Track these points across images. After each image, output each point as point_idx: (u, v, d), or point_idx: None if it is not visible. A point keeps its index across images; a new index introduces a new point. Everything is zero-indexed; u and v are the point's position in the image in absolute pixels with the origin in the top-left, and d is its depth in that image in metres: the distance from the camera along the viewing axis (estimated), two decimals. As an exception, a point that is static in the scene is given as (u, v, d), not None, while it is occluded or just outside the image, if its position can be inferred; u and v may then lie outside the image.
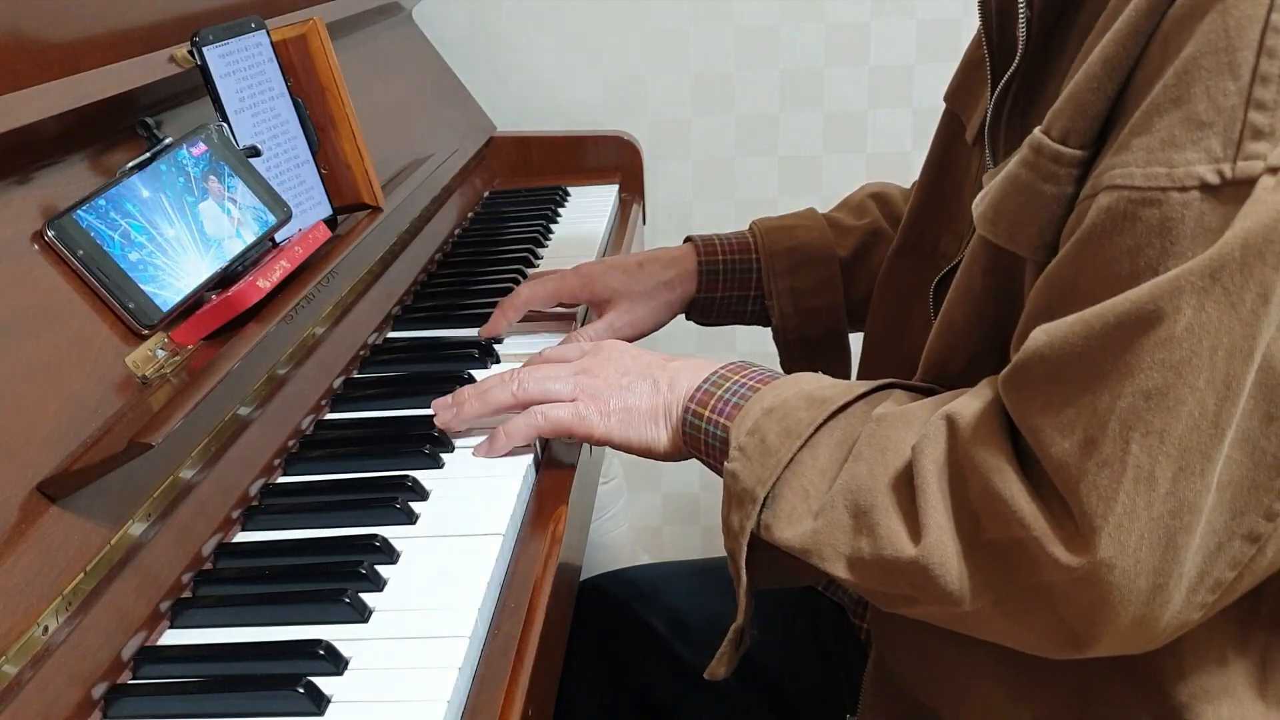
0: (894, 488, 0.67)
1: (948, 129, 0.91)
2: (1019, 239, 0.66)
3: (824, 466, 0.71)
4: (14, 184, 0.74)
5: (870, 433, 0.70)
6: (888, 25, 1.76)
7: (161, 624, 0.70)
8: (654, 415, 0.83)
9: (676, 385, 0.82)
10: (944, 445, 0.65)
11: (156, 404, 0.73)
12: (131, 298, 0.77)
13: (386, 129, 1.30)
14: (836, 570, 0.68)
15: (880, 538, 0.66)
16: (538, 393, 0.85)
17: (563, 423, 0.84)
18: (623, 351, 0.88)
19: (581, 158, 1.70)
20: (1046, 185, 0.63)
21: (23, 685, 0.59)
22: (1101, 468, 0.58)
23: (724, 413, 0.78)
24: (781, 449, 0.71)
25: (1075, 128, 0.62)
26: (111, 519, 0.68)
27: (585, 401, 0.84)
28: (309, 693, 0.61)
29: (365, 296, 1.09)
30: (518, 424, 0.85)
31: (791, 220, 1.12)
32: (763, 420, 0.74)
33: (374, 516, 0.79)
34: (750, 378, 0.79)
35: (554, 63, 1.80)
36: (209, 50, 0.91)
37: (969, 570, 0.63)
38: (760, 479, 0.72)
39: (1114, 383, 0.58)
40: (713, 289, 1.10)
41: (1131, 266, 0.58)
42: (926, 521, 0.64)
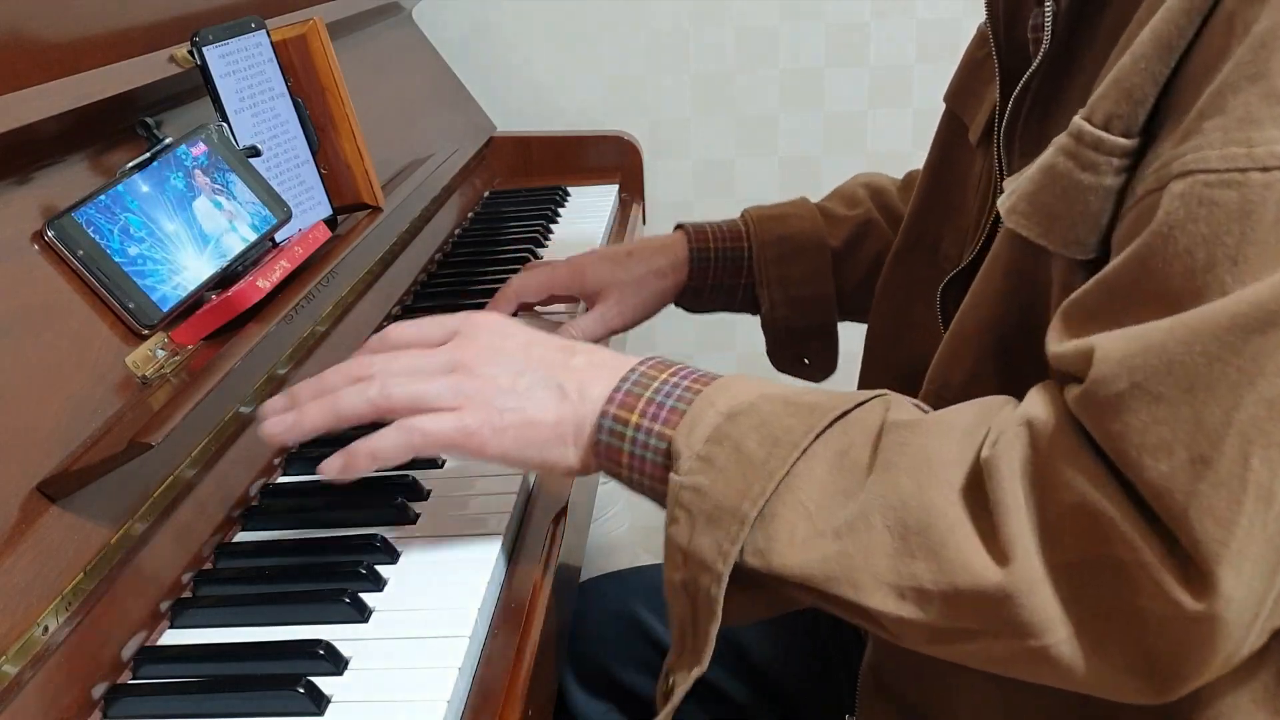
0: (957, 502, 0.58)
1: (948, 129, 0.90)
2: (1052, 232, 0.61)
3: (825, 481, 0.61)
4: (14, 184, 0.74)
5: (900, 440, 0.61)
6: (888, 25, 1.76)
7: (161, 624, 0.70)
8: (560, 431, 0.69)
9: (587, 391, 0.69)
10: (1026, 455, 0.57)
11: (156, 404, 0.73)
12: (131, 298, 0.77)
13: (386, 129, 1.30)
14: (875, 602, 0.58)
15: (949, 562, 0.57)
16: (405, 401, 0.69)
17: (445, 439, 0.68)
18: (507, 337, 0.72)
19: (581, 158, 1.70)
20: (1085, 174, 0.59)
21: (23, 685, 0.59)
22: (1217, 489, 0.51)
23: (659, 418, 0.66)
24: (771, 460, 0.61)
25: (1120, 113, 0.57)
26: (111, 519, 0.68)
27: (471, 411, 0.68)
28: (309, 693, 0.61)
29: (365, 296, 1.09)
30: (386, 441, 0.68)
31: (784, 209, 1.11)
32: (728, 426, 0.63)
33: (374, 516, 0.79)
34: (682, 377, 0.68)
35: (554, 63, 1.81)
36: (209, 50, 0.92)
37: (1054, 596, 0.55)
38: (745, 494, 0.61)
39: (1228, 393, 0.51)
40: (703, 277, 1.09)
41: (1208, 255, 0.52)
42: (1012, 541, 0.55)
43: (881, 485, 0.59)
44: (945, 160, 0.90)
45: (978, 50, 0.88)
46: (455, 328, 0.73)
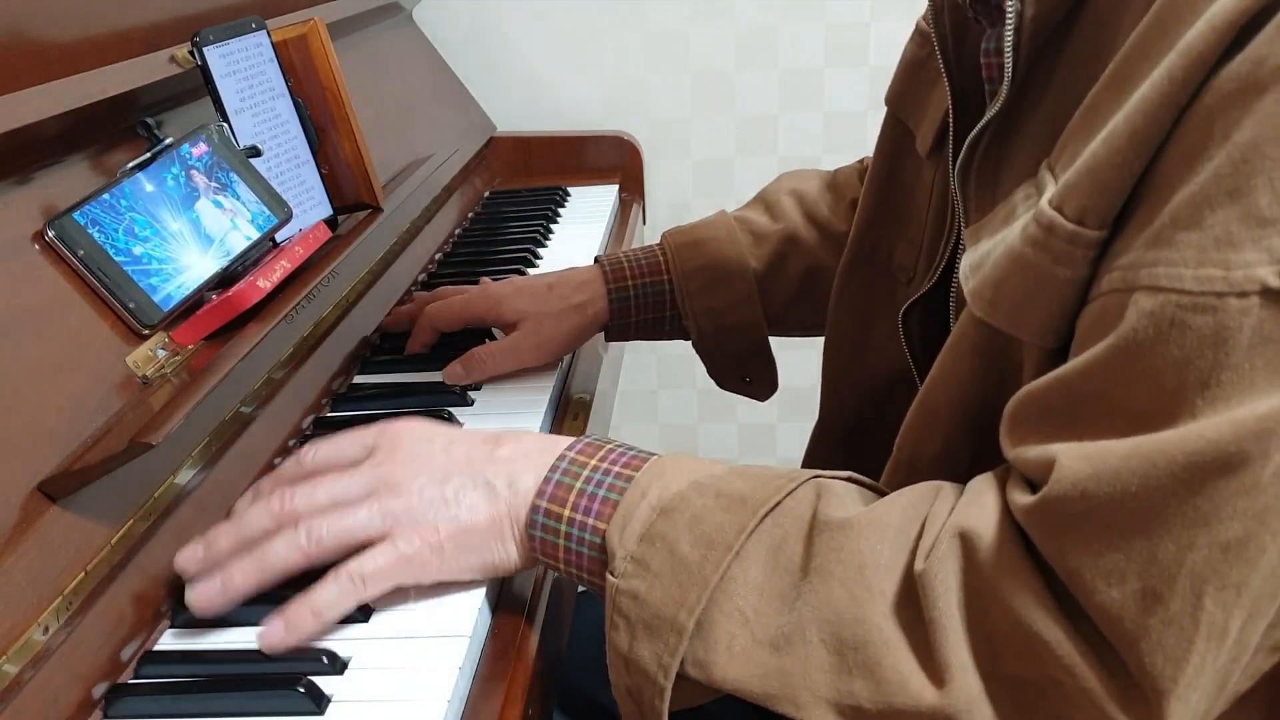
0: (892, 618, 0.57)
1: (893, 136, 0.87)
2: (1023, 323, 0.59)
3: (760, 583, 0.59)
4: (14, 184, 0.74)
5: (834, 544, 0.59)
6: (887, 25, 1.76)
7: (162, 624, 0.70)
8: (498, 529, 0.67)
9: (517, 483, 0.67)
10: (958, 567, 0.56)
11: (157, 404, 0.73)
12: (132, 297, 0.77)
13: (386, 129, 1.30)
14: (815, 718, 0.57)
15: (886, 681, 0.56)
16: (335, 541, 0.66)
17: (385, 575, 0.65)
18: (426, 442, 0.70)
19: (581, 158, 1.70)
20: (1060, 269, 0.56)
21: (23, 685, 0.59)
22: (1168, 625, 0.51)
23: (591, 511, 0.64)
24: (704, 564, 0.59)
25: (1094, 206, 0.54)
26: (112, 519, 0.68)
27: (404, 535, 0.65)
28: (309, 692, 0.61)
29: (366, 296, 1.09)
30: (331, 597, 0.65)
31: (703, 232, 1.08)
32: (661, 524, 0.61)
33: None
34: (612, 461, 0.66)
35: (554, 63, 1.81)
36: (209, 50, 0.92)
37: (992, 713, 0.55)
38: (680, 602, 0.59)
39: (1182, 531, 0.50)
40: (625, 314, 1.06)
41: (1179, 381, 0.50)
42: (948, 661, 0.55)
43: (816, 596, 0.58)
44: (892, 169, 0.88)
45: (918, 50, 0.85)
46: (373, 443, 0.71)
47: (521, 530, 0.67)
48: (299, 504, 0.67)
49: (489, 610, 0.71)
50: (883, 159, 0.88)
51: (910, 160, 0.85)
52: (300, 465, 0.72)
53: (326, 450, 0.72)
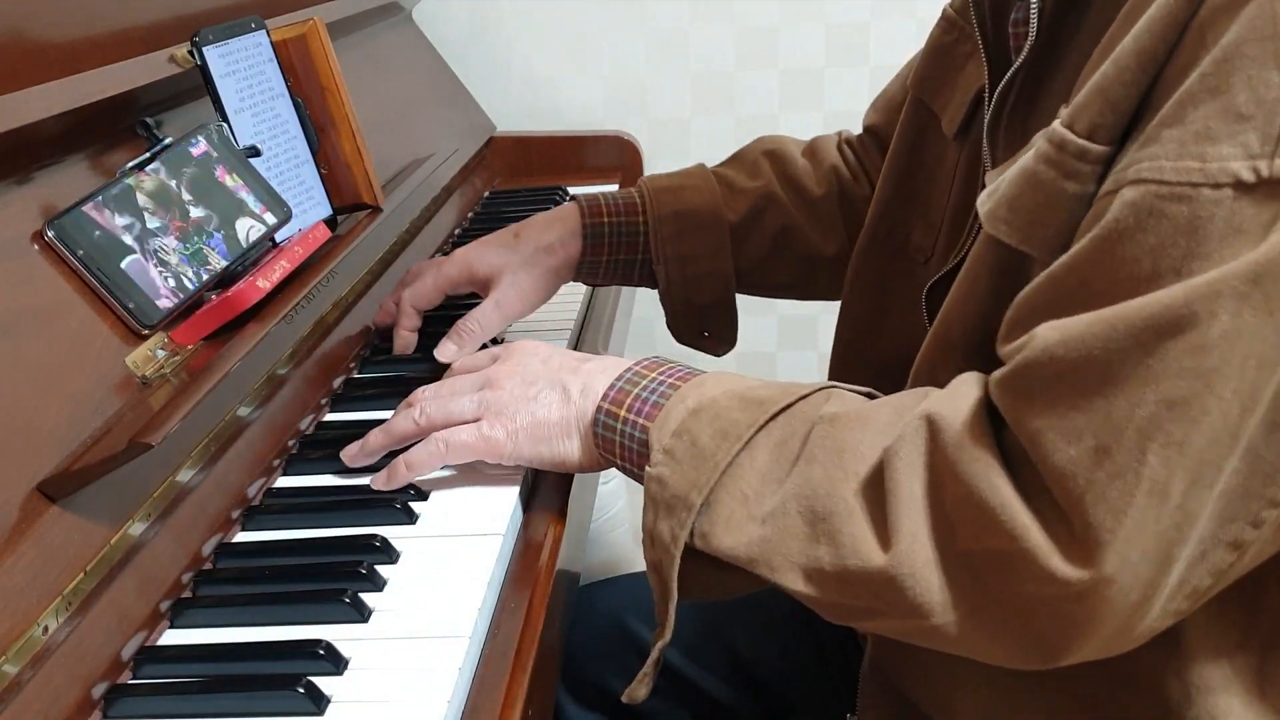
0: (858, 492, 0.62)
1: (916, 119, 0.88)
2: (1034, 239, 0.62)
3: (763, 470, 0.66)
4: (14, 184, 0.74)
5: (823, 434, 0.65)
6: (888, 25, 1.76)
7: (161, 624, 0.70)
8: (565, 427, 0.77)
9: (590, 390, 0.77)
10: (923, 448, 0.61)
11: (156, 404, 0.73)
12: (131, 297, 0.77)
13: (386, 129, 1.30)
14: (788, 581, 0.64)
15: (843, 546, 0.62)
16: (440, 416, 0.80)
17: (466, 447, 0.79)
18: (531, 355, 0.82)
19: (581, 158, 1.70)
20: (1069, 183, 0.59)
21: (23, 685, 0.59)
22: (1113, 479, 0.54)
23: (642, 412, 0.73)
24: (718, 451, 0.67)
25: (1103, 123, 0.58)
26: (111, 519, 0.68)
27: (490, 420, 0.79)
28: (309, 693, 0.61)
29: (366, 296, 1.09)
30: (419, 454, 0.80)
31: (680, 180, 1.08)
32: (690, 421, 0.69)
33: (374, 516, 0.79)
34: (668, 374, 0.75)
35: (554, 63, 1.80)
36: (209, 50, 0.92)
37: (942, 582, 0.59)
38: (694, 483, 0.67)
39: (1134, 389, 0.54)
40: (598, 251, 1.06)
41: (1153, 266, 0.54)
42: (898, 528, 0.60)
43: (801, 476, 0.65)
44: (913, 152, 0.89)
45: (944, 35, 0.87)
46: (496, 354, 0.84)
47: (587, 428, 0.76)
48: (426, 393, 0.83)
49: (489, 611, 0.71)
50: (904, 143, 0.89)
51: (933, 143, 0.86)
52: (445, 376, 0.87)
53: (464, 362, 0.89)
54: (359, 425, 0.94)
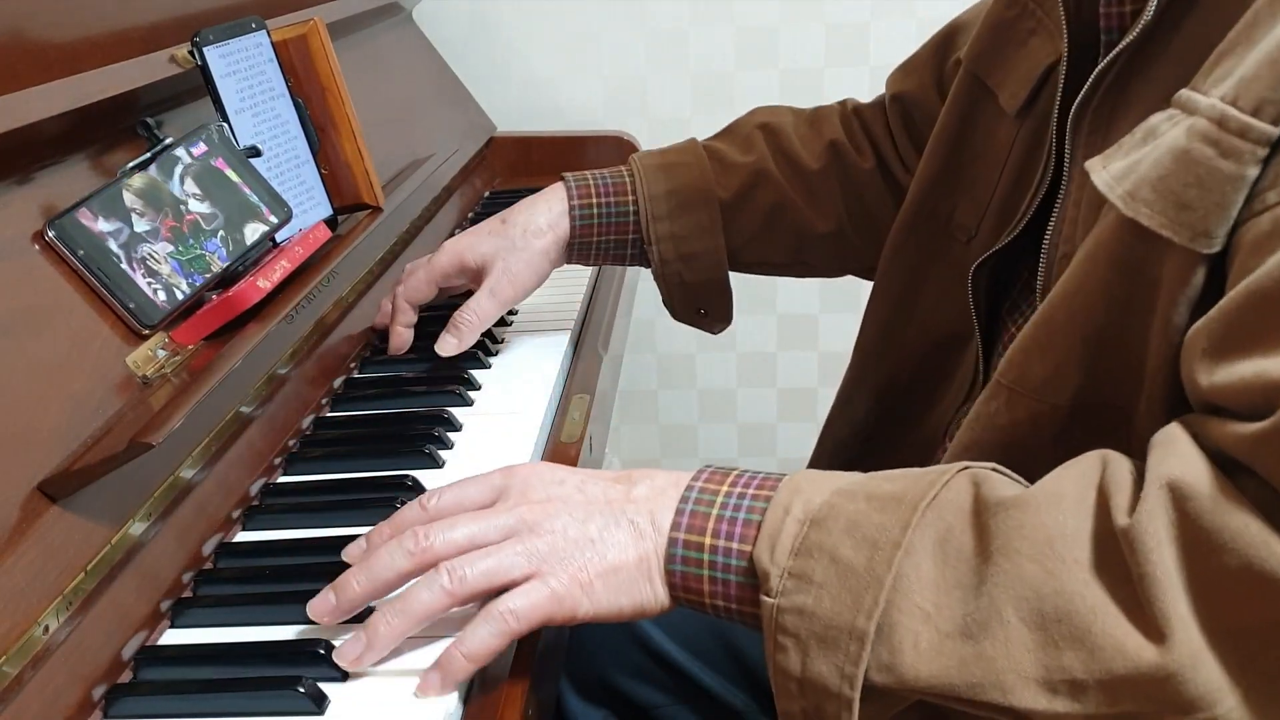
0: (1091, 582, 0.54)
1: (969, 96, 0.86)
2: (1180, 223, 0.56)
3: (933, 577, 0.57)
4: (14, 184, 0.74)
5: (1014, 522, 0.56)
6: (888, 25, 1.76)
7: (162, 624, 0.70)
8: (644, 568, 0.63)
9: (659, 521, 0.64)
10: (1170, 519, 0.53)
11: (157, 404, 0.73)
12: (132, 297, 0.77)
13: (386, 129, 1.30)
14: (1026, 701, 0.54)
15: (1099, 648, 0.53)
16: (481, 582, 0.62)
17: (540, 612, 0.62)
18: (559, 484, 0.67)
19: (581, 158, 1.70)
20: (1226, 162, 0.54)
21: (23, 685, 0.59)
22: None
23: (734, 535, 0.62)
24: (874, 565, 0.57)
25: (1275, 99, 0.53)
26: (112, 519, 0.68)
27: (552, 573, 0.62)
28: (309, 693, 0.61)
29: (366, 296, 1.09)
30: (482, 638, 0.61)
31: (672, 157, 1.06)
32: (814, 534, 0.59)
33: (374, 516, 0.79)
34: (743, 485, 0.64)
35: (554, 63, 1.81)
36: (209, 50, 0.92)
37: (1219, 665, 0.52)
38: (857, 607, 0.56)
39: None
40: (587, 232, 1.04)
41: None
42: (1166, 614, 0.51)
43: (1005, 576, 0.55)
44: (964, 128, 0.86)
45: (1006, 10, 0.84)
46: (500, 485, 0.68)
47: (662, 566, 0.63)
48: (436, 543, 0.63)
49: (489, 610, 0.71)
50: (954, 118, 0.87)
51: (985, 120, 0.84)
52: (424, 509, 0.67)
53: (451, 494, 0.68)
54: (360, 424, 0.94)
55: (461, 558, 0.63)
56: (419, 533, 0.64)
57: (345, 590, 0.64)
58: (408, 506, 0.68)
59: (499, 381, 1.00)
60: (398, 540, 0.64)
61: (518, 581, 0.63)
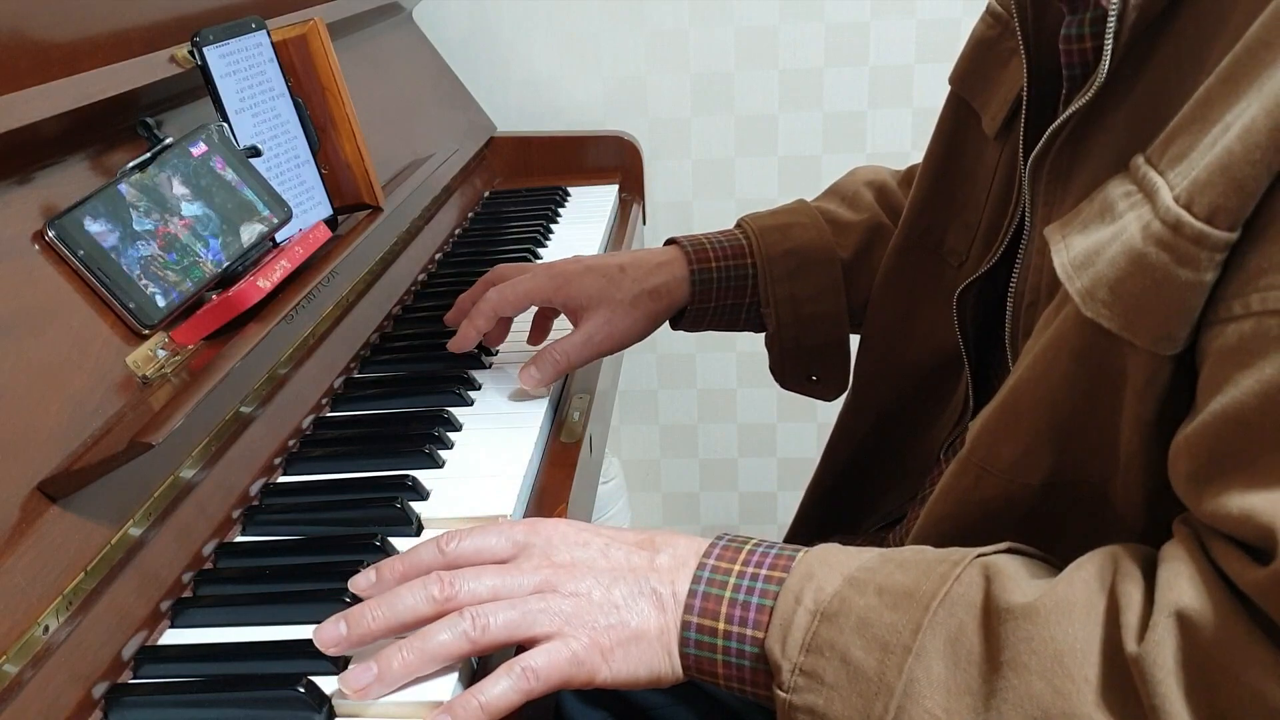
0: (1100, 705, 0.53)
1: (955, 116, 0.85)
2: (1138, 327, 0.56)
3: (943, 681, 0.56)
4: (14, 184, 0.74)
5: (1024, 635, 0.55)
6: (888, 25, 1.76)
7: (162, 623, 0.70)
8: (664, 640, 0.64)
9: (679, 591, 0.64)
10: (1178, 648, 0.52)
11: (157, 404, 0.73)
12: (132, 297, 0.77)
13: (386, 129, 1.30)
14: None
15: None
16: (503, 633, 0.62)
17: (559, 673, 0.62)
18: (584, 546, 0.66)
19: (581, 158, 1.70)
20: (1183, 270, 0.53)
21: (23, 685, 0.59)
22: None
23: (747, 621, 0.62)
24: (885, 670, 0.57)
25: (1228, 207, 0.51)
26: (112, 519, 0.68)
27: (574, 635, 0.62)
28: (309, 692, 0.61)
29: (366, 296, 1.09)
30: (502, 691, 0.61)
31: (785, 218, 1.03)
32: (825, 631, 0.59)
33: (374, 516, 0.79)
34: (756, 565, 0.64)
35: (554, 63, 1.81)
36: (209, 50, 0.92)
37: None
38: (868, 714, 0.56)
39: None
40: (705, 299, 1.01)
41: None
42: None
43: (1014, 692, 0.55)
44: (951, 150, 0.86)
45: (988, 30, 0.83)
46: (523, 541, 0.67)
47: (677, 644, 0.64)
48: (461, 591, 0.63)
49: (489, 610, 0.71)
50: (941, 141, 0.86)
51: (972, 142, 0.83)
52: (442, 554, 0.66)
53: (472, 542, 0.67)
54: (360, 424, 0.94)
55: (487, 605, 0.62)
56: (444, 580, 0.63)
57: (359, 624, 0.63)
58: (424, 546, 0.67)
59: (499, 381, 1.00)
60: (422, 583, 0.63)
61: (538, 639, 0.62)
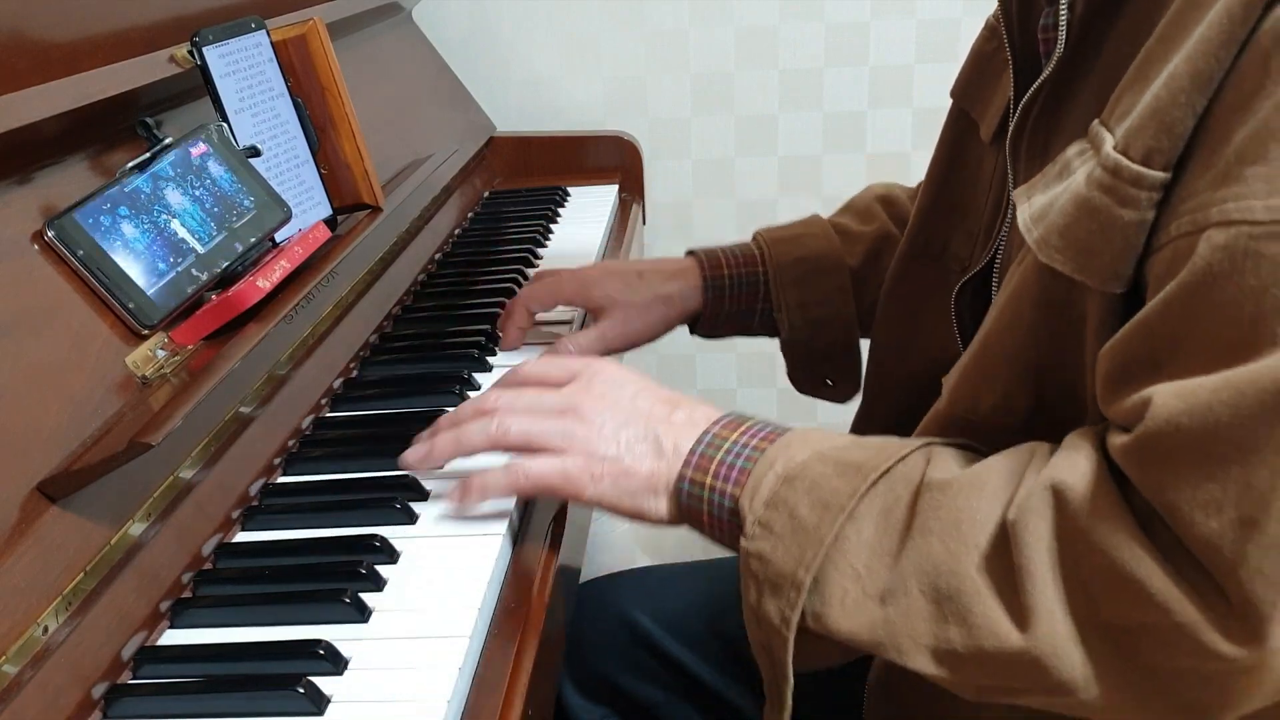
0: (982, 568, 0.60)
1: (956, 127, 0.88)
2: (1089, 268, 0.60)
3: (871, 542, 0.63)
4: (14, 184, 0.74)
5: (934, 502, 0.62)
6: (888, 25, 1.76)
7: (161, 624, 0.70)
8: (653, 483, 0.73)
9: (681, 449, 0.72)
10: (1050, 519, 0.58)
11: (156, 404, 0.73)
12: (131, 297, 0.77)
13: (386, 129, 1.30)
14: (918, 665, 0.62)
15: (976, 627, 0.59)
16: (519, 438, 0.75)
17: (546, 482, 0.74)
18: (618, 386, 0.76)
19: (581, 158, 1.70)
20: (1125, 210, 0.57)
21: (23, 685, 0.59)
22: (1267, 551, 0.52)
23: (729, 479, 0.70)
24: (821, 525, 0.64)
25: (1160, 148, 0.56)
26: (111, 519, 0.68)
27: (574, 457, 0.73)
28: (309, 693, 0.61)
29: (365, 296, 1.09)
30: (496, 479, 0.75)
31: (798, 230, 1.08)
32: (784, 490, 0.66)
33: (374, 516, 0.79)
34: (751, 435, 0.71)
35: (554, 63, 1.81)
36: (209, 50, 0.92)
37: (1085, 657, 0.57)
38: (799, 560, 0.64)
39: (1274, 457, 0.51)
40: (719, 304, 1.06)
41: (1256, 309, 0.52)
42: (1034, 606, 0.57)
43: (919, 550, 0.62)
44: (954, 160, 0.88)
45: (986, 44, 0.86)
46: (576, 371, 0.78)
47: (672, 490, 0.72)
48: (501, 402, 0.77)
49: (489, 611, 0.71)
50: (944, 151, 0.89)
51: (973, 151, 0.86)
52: (514, 375, 0.81)
53: (537, 367, 0.81)
54: (359, 424, 0.94)
55: (512, 416, 0.75)
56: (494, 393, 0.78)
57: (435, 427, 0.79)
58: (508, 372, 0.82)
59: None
60: (480, 398, 0.79)
61: (545, 451, 0.74)
